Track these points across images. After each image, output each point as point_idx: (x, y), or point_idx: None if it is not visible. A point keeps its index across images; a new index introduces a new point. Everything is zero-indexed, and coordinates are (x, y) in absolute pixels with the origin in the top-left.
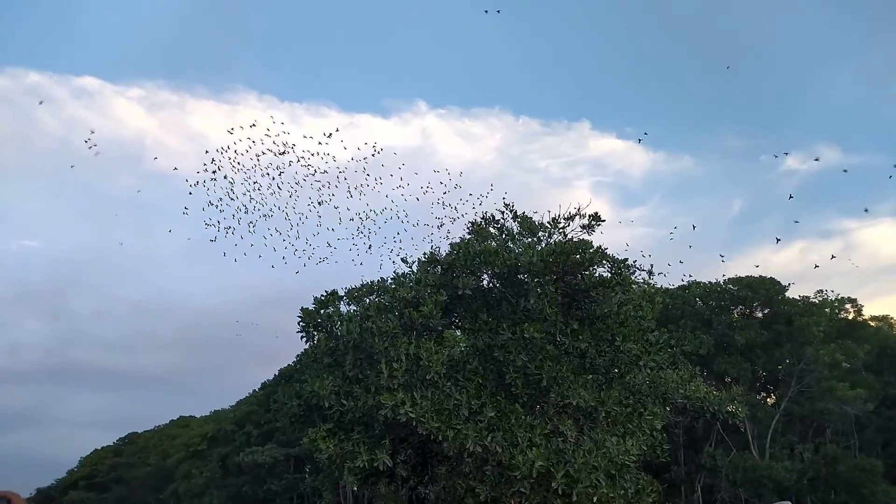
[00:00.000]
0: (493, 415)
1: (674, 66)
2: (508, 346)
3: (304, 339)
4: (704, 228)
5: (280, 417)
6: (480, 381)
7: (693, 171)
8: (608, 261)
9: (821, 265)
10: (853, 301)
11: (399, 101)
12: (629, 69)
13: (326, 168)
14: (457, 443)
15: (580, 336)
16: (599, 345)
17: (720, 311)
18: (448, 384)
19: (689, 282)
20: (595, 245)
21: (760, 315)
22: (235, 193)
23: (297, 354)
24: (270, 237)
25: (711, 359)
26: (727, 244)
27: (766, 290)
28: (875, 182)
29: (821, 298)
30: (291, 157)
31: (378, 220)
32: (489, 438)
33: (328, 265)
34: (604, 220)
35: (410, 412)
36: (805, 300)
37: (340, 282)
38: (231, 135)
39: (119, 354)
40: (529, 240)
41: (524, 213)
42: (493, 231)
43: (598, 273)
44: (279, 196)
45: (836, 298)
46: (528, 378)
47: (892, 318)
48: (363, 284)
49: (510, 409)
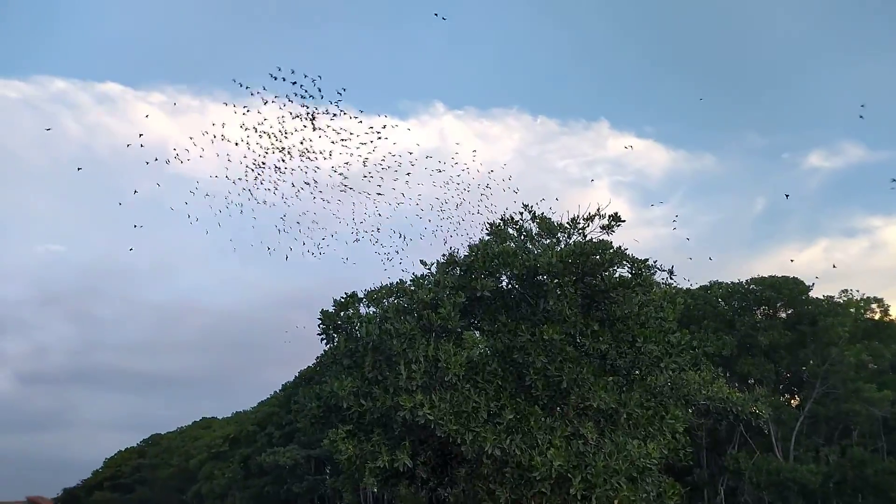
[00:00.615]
0: (513, 417)
1: (693, 64)
2: (528, 348)
3: (325, 341)
4: (727, 227)
5: (300, 419)
6: (500, 383)
7: (714, 170)
8: (628, 261)
9: (844, 263)
10: (879, 301)
11: (416, 103)
12: (648, 67)
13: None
14: (476, 445)
15: (600, 337)
16: (620, 346)
17: (743, 312)
18: (467, 386)
19: (711, 282)
20: (615, 245)
21: (784, 315)
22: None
23: (317, 356)
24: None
25: (734, 360)
26: (750, 243)
27: (790, 290)
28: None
29: (846, 298)
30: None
31: (403, 223)
32: (508, 441)
33: (353, 267)
34: (623, 221)
35: (429, 414)
36: (829, 300)
37: (363, 283)
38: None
39: (142, 357)
40: (548, 241)
41: (543, 214)
42: (512, 232)
43: (619, 274)
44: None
45: (862, 298)
46: (548, 380)
47: None
48: (382, 286)
49: (530, 412)
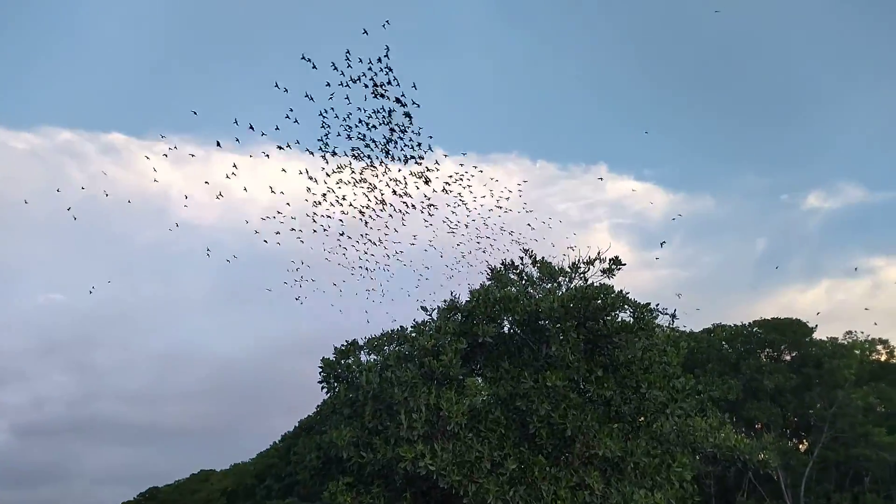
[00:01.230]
0: (516, 467)
1: (691, 105)
2: (531, 395)
3: (325, 390)
4: (728, 269)
5: (299, 470)
6: (503, 432)
7: (714, 211)
8: (630, 305)
9: (848, 304)
10: (885, 342)
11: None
12: (645, 110)
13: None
14: (478, 497)
15: (605, 383)
16: (624, 392)
17: (747, 355)
18: (469, 435)
19: (714, 325)
20: (616, 289)
21: (788, 358)
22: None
23: (317, 405)
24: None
25: (740, 404)
26: (752, 284)
27: (794, 333)
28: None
29: (850, 340)
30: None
31: (406, 269)
32: (511, 492)
33: (358, 313)
34: (624, 264)
35: (430, 465)
36: (834, 342)
37: (365, 330)
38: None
39: (141, 407)
40: (550, 285)
41: (543, 259)
42: (513, 277)
43: (621, 318)
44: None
45: (867, 339)
46: (552, 428)
47: None
48: (383, 333)
49: (534, 461)
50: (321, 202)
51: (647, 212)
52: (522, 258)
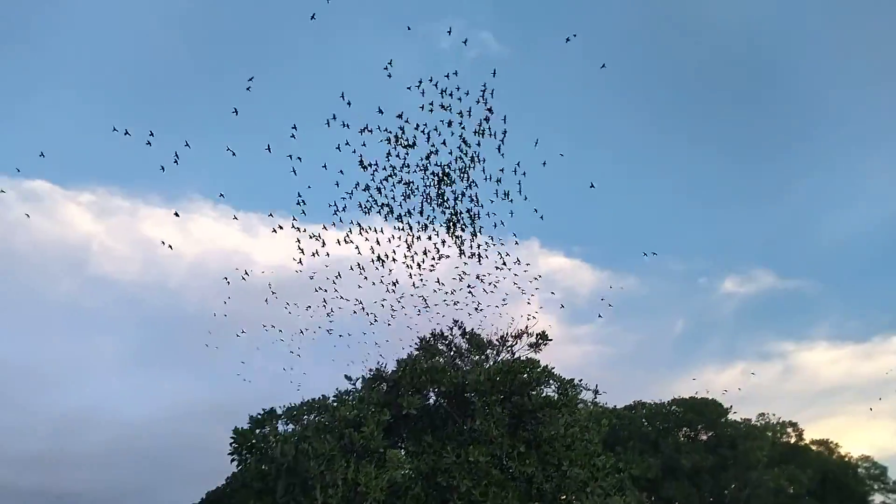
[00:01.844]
0: None
1: (618, 190)
2: (452, 471)
3: (236, 462)
4: (649, 347)
5: None
6: None
7: (637, 291)
8: (555, 380)
9: (761, 387)
10: (794, 425)
11: (356, 213)
12: (577, 191)
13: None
14: None
15: (527, 460)
16: (546, 469)
17: (666, 434)
18: None
19: (635, 402)
20: (543, 363)
21: (705, 437)
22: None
23: (227, 477)
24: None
25: (659, 483)
26: (671, 363)
27: (710, 413)
28: (809, 306)
29: (763, 422)
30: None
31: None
32: None
33: (277, 379)
34: (551, 339)
35: None
36: (747, 423)
37: (286, 397)
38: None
39: (37, 472)
40: (478, 357)
41: (472, 330)
42: (442, 347)
43: (545, 393)
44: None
45: (778, 422)
46: None
47: (833, 443)
48: (303, 402)
49: None
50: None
51: (576, 288)
52: (452, 329)
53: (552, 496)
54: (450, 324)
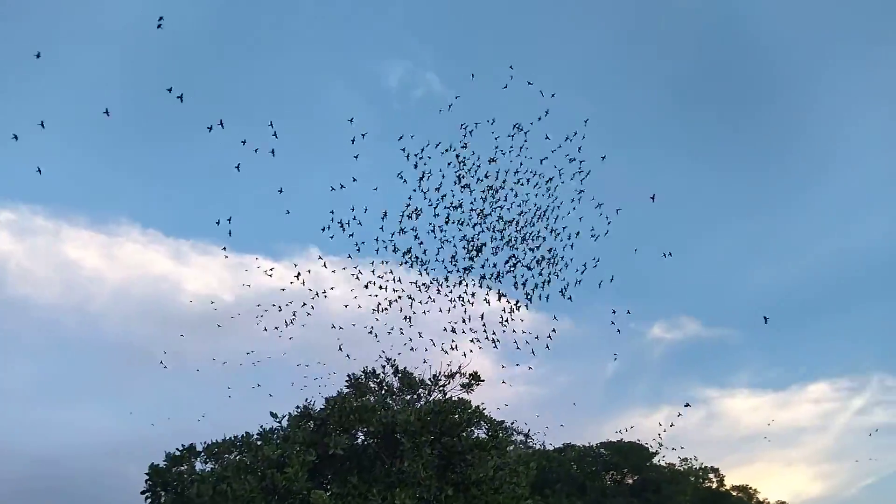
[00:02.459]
0: None
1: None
2: None
3: (150, 501)
4: (581, 389)
5: None
6: None
7: (571, 333)
8: (486, 421)
9: (685, 431)
10: (716, 470)
11: (292, 246)
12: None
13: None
14: None
15: (454, 503)
16: None
17: (593, 477)
18: None
19: (565, 444)
20: (475, 404)
21: (631, 481)
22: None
23: None
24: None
25: None
26: (602, 406)
27: (636, 457)
28: (731, 355)
29: (686, 467)
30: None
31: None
32: None
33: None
34: (483, 380)
35: None
36: (671, 468)
37: (208, 434)
38: None
39: None
40: (409, 397)
41: (405, 369)
42: (373, 386)
43: (476, 435)
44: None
45: (700, 467)
46: None
47: (752, 489)
48: (225, 440)
49: None
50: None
51: (511, 328)
52: (385, 367)
53: None
54: (382, 362)
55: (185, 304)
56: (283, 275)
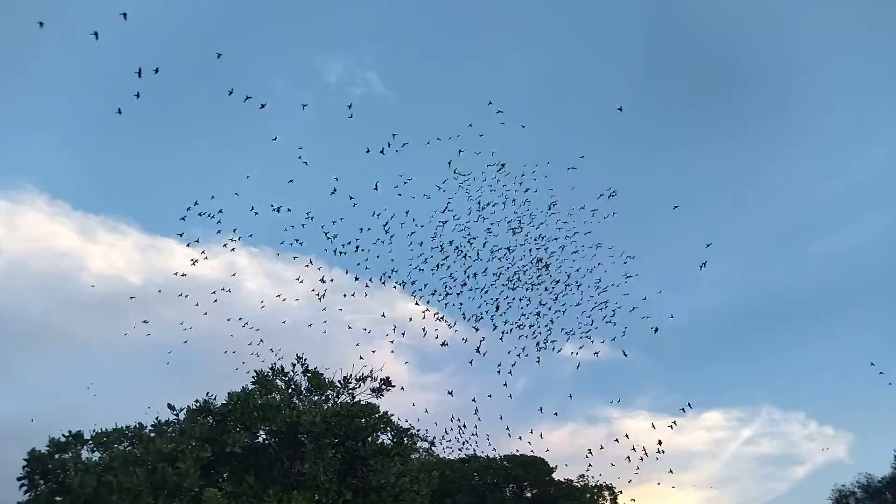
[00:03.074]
0: None
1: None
2: None
3: (26, 490)
4: (492, 401)
5: None
6: None
7: (486, 345)
8: (392, 428)
9: (586, 449)
10: (610, 488)
11: (208, 232)
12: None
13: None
14: None
15: None
16: None
17: (494, 488)
18: None
19: (469, 455)
20: (383, 409)
21: (529, 495)
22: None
23: None
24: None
25: None
26: (512, 418)
27: (536, 470)
28: (635, 378)
29: (582, 483)
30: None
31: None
32: None
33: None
34: (394, 386)
35: None
36: (569, 483)
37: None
38: None
39: None
40: (317, 398)
41: (315, 369)
42: (280, 384)
43: (381, 440)
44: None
45: (596, 484)
46: None
47: None
48: (115, 429)
49: None
50: None
51: (429, 335)
52: (294, 364)
53: None
54: (293, 359)
55: (87, 283)
56: (200, 262)
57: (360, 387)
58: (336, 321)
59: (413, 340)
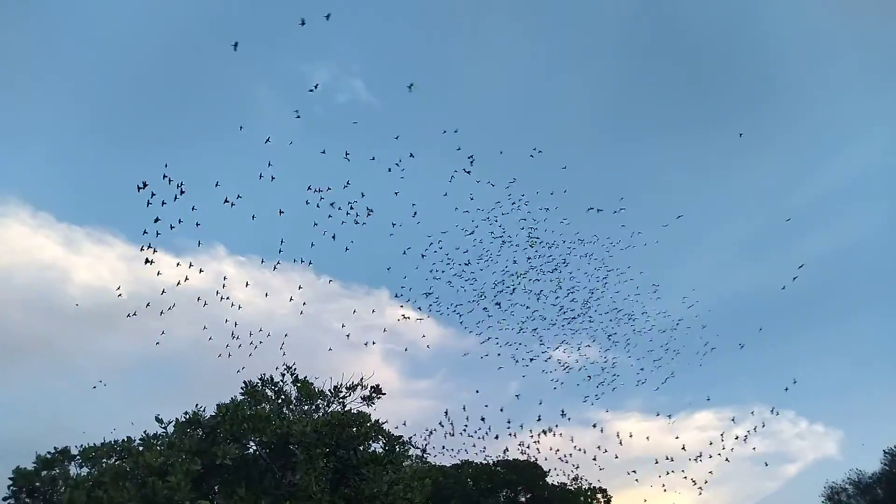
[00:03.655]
0: None
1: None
2: None
3: None
4: (483, 407)
5: None
6: None
7: (476, 351)
8: (384, 436)
9: (581, 451)
10: (603, 491)
11: (195, 242)
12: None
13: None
14: None
15: None
16: None
17: (489, 494)
18: None
19: (462, 461)
20: (375, 417)
21: (524, 499)
22: None
23: None
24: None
25: None
26: (503, 424)
27: (530, 475)
28: (626, 380)
29: (576, 486)
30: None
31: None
32: None
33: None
34: (384, 394)
35: None
36: (563, 487)
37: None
38: None
39: None
40: (307, 407)
41: (304, 378)
42: (270, 394)
43: (373, 449)
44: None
45: (589, 487)
46: None
47: None
48: (103, 443)
49: None
50: None
51: (419, 342)
52: (283, 374)
53: None
54: (282, 369)
55: (72, 295)
56: (185, 271)
57: (351, 395)
58: (325, 328)
59: (404, 346)
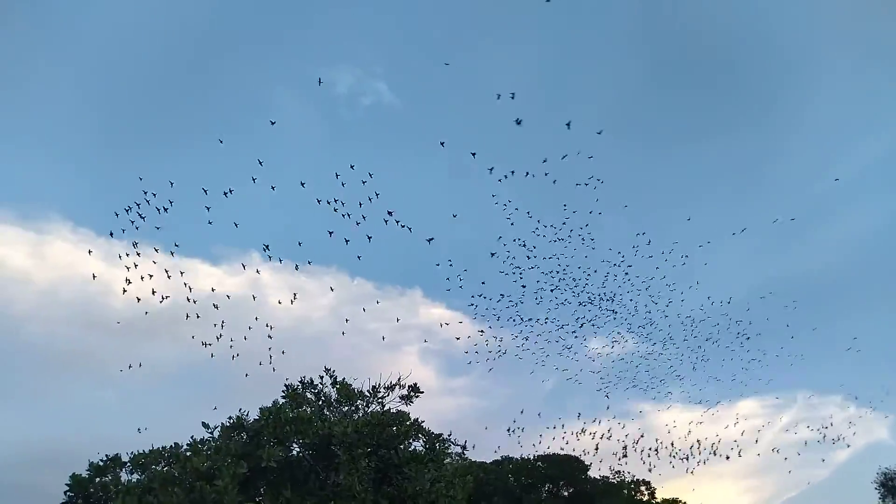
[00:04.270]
0: None
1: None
2: None
3: None
4: (521, 402)
5: None
6: None
7: (511, 348)
8: (424, 434)
9: (620, 445)
10: (647, 483)
11: (232, 250)
12: (463, 247)
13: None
14: None
15: None
16: None
17: (530, 489)
18: None
19: (503, 457)
20: (413, 416)
21: (566, 494)
22: None
23: None
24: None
25: None
26: (542, 419)
27: (571, 469)
28: (666, 371)
29: (618, 479)
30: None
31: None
32: None
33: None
34: (422, 392)
35: None
36: (605, 480)
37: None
38: None
39: None
40: (347, 408)
41: (343, 380)
42: (310, 396)
43: (413, 447)
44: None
45: (632, 480)
46: None
47: (682, 501)
48: (153, 450)
49: None
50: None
51: (454, 340)
52: (322, 377)
53: None
54: (321, 371)
55: (114, 307)
56: (222, 280)
57: (389, 395)
58: (361, 330)
59: (439, 346)
